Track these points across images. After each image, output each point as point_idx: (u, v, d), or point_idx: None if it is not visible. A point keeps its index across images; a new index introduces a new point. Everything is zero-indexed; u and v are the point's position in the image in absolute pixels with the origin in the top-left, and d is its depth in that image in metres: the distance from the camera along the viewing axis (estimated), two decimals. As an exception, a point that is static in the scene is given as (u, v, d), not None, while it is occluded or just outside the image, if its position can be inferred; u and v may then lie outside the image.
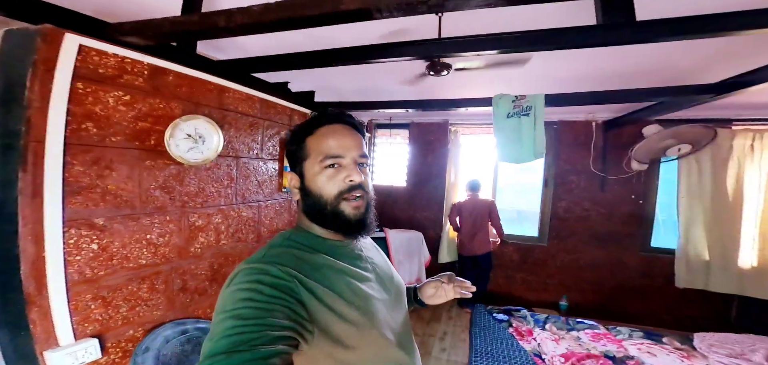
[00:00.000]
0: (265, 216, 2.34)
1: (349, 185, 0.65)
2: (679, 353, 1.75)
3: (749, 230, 2.82)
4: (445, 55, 1.54)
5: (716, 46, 1.65)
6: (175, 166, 1.61)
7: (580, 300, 3.35)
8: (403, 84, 2.63)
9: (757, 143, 2.77)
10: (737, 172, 2.83)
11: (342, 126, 0.68)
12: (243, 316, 0.47)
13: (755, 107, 2.66)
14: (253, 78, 2.06)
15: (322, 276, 0.60)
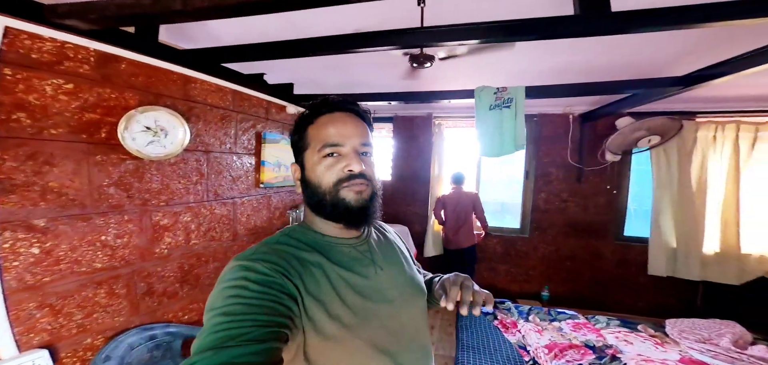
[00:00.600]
0: (242, 213, 2.18)
1: (348, 174, 0.59)
2: (653, 340, 1.73)
3: (712, 218, 2.86)
4: (428, 45, 1.47)
5: (684, 40, 1.64)
6: (132, 161, 1.44)
7: (560, 290, 3.33)
8: (386, 77, 2.50)
9: (719, 134, 2.80)
10: (701, 163, 2.86)
11: (343, 113, 0.63)
12: (231, 312, 0.45)
13: (717, 100, 2.68)
14: (225, 69, 1.89)
15: (310, 276, 0.55)
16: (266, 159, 2.32)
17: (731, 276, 2.76)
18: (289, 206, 2.71)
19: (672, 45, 1.71)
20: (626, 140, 2.81)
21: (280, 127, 2.55)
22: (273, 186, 2.45)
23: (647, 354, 1.59)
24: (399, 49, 1.61)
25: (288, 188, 2.68)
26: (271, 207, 2.49)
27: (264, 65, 2.20)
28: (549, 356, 1.61)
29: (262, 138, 2.29)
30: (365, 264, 0.62)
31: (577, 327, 1.93)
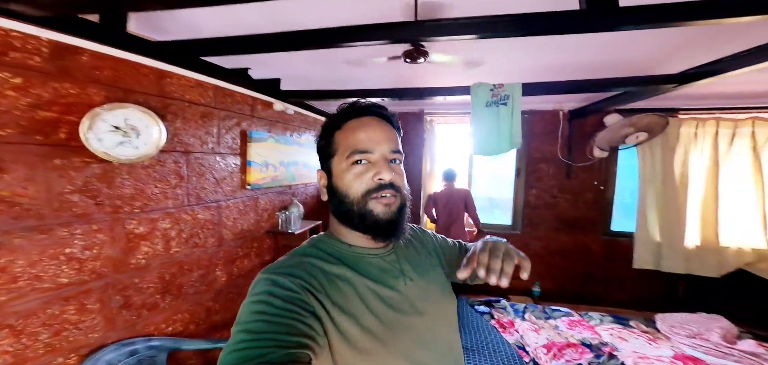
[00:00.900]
0: (227, 217, 2.03)
1: (378, 184, 0.56)
2: (646, 336, 1.72)
3: (693, 212, 2.89)
4: (422, 39, 1.37)
5: (683, 37, 1.60)
6: (99, 164, 1.28)
7: (551, 286, 3.32)
8: (378, 72, 2.38)
9: (700, 130, 2.82)
10: (683, 158, 2.87)
11: (372, 118, 0.59)
12: (253, 330, 0.44)
13: (698, 97, 2.70)
14: (205, 63, 1.73)
15: (338, 290, 0.53)
16: (252, 159, 2.17)
17: (711, 268, 2.80)
18: (278, 207, 2.57)
19: (665, 43, 1.66)
20: (614, 137, 2.80)
21: (266, 124, 2.40)
22: (260, 187, 2.30)
23: (642, 351, 1.57)
24: (391, 43, 1.51)
25: (276, 189, 2.53)
26: (258, 210, 2.34)
27: (249, 59, 2.04)
28: (548, 355, 1.57)
29: (248, 136, 2.13)
30: (394, 276, 0.59)
31: (573, 325, 1.90)
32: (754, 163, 2.75)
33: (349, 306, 0.52)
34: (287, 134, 2.67)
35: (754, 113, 2.72)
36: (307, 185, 3.01)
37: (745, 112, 2.74)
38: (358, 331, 0.51)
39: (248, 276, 2.26)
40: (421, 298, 0.60)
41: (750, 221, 2.77)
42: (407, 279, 0.60)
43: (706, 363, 1.44)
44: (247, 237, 2.24)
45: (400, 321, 0.55)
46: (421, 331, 0.56)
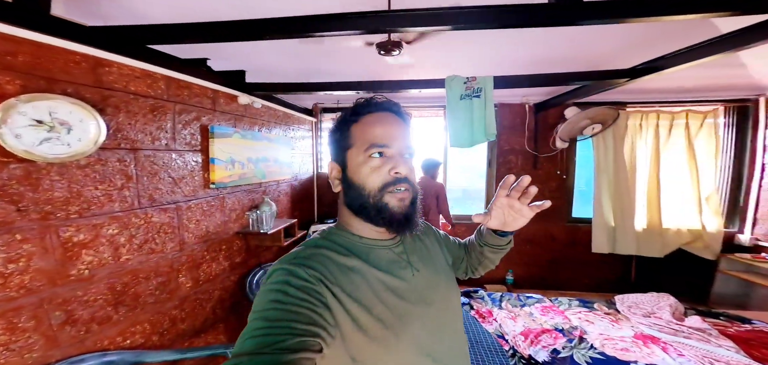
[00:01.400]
0: (189, 218, 1.82)
1: (395, 177, 0.57)
2: (609, 318, 1.77)
3: (641, 198, 3.04)
4: (396, 30, 1.30)
5: (633, 35, 1.65)
6: (18, 164, 1.05)
7: (522, 273, 3.38)
8: (351, 65, 2.24)
9: (644, 122, 2.98)
10: (631, 148, 3.01)
11: (389, 114, 0.60)
12: (270, 318, 0.45)
13: (642, 91, 2.82)
14: (154, 52, 1.50)
15: (350, 281, 0.53)
16: (216, 156, 1.95)
17: (656, 249, 2.97)
18: (248, 207, 2.36)
19: (618, 39, 1.70)
20: (573, 128, 2.88)
21: (231, 119, 2.18)
22: (226, 186, 2.09)
23: (608, 333, 1.61)
24: (364, 33, 1.40)
25: (245, 187, 2.32)
26: (225, 210, 2.13)
27: (207, 49, 1.82)
28: (526, 343, 1.57)
29: (210, 132, 1.91)
30: (402, 267, 0.60)
31: (545, 311, 1.92)
32: (689, 151, 2.93)
33: (361, 296, 0.52)
34: (255, 129, 2.46)
35: (687, 106, 2.92)
36: (279, 182, 2.81)
37: (679, 106, 2.93)
38: (370, 319, 0.51)
39: (217, 280, 2.06)
40: (428, 288, 0.60)
41: (686, 204, 2.96)
42: (415, 270, 0.60)
43: (662, 340, 1.47)
44: (214, 240, 2.03)
45: (409, 311, 0.55)
46: (428, 320, 0.57)
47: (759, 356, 1.34)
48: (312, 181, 3.55)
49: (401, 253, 0.62)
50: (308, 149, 3.47)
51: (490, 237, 0.72)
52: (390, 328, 0.52)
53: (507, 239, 0.73)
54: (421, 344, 0.54)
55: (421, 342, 0.54)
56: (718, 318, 1.76)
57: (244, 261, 2.35)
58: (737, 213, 2.98)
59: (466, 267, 0.81)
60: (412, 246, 0.65)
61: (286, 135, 2.96)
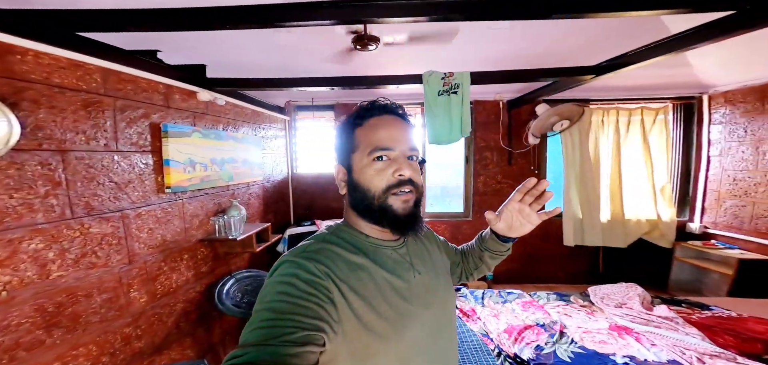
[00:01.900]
0: (139, 227, 1.58)
1: (399, 179, 0.56)
2: (584, 310, 1.77)
3: (605, 190, 3.12)
4: (370, 20, 1.26)
5: (597, 31, 1.66)
6: None
7: (501, 269, 3.34)
8: (325, 61, 2.10)
9: (605, 118, 3.06)
10: (595, 143, 3.08)
11: (393, 117, 0.59)
12: (277, 310, 0.44)
13: (603, 89, 2.89)
14: (86, 40, 1.26)
15: (357, 278, 0.53)
16: (172, 157, 1.72)
17: (620, 239, 3.04)
18: (213, 212, 2.13)
19: (586, 36, 1.71)
20: (544, 124, 2.89)
21: (189, 116, 1.94)
22: (186, 189, 1.86)
23: (585, 326, 1.60)
24: (336, 24, 1.26)
25: (209, 191, 2.08)
26: (185, 216, 1.89)
27: (158, 40, 1.59)
28: (510, 340, 1.53)
29: (162, 131, 1.68)
30: (405, 269, 0.60)
31: (526, 306, 1.89)
32: (644, 146, 3.03)
33: (366, 293, 0.52)
34: (219, 128, 2.22)
35: (642, 104, 3.01)
36: (249, 184, 2.58)
37: (635, 103, 3.02)
38: (374, 317, 0.51)
39: (179, 292, 1.84)
40: (428, 291, 0.60)
41: (644, 196, 3.05)
42: (417, 272, 0.60)
43: (634, 330, 1.44)
44: (173, 249, 1.79)
45: (411, 312, 0.55)
46: (427, 322, 0.57)
47: (722, 342, 1.34)
48: (287, 183, 3.33)
49: (405, 255, 0.61)
50: (281, 149, 3.25)
51: (492, 242, 0.73)
52: (392, 326, 0.52)
53: (507, 246, 0.74)
54: (419, 345, 0.54)
55: (419, 343, 0.55)
56: (681, 305, 1.79)
57: (211, 270, 2.12)
58: (687, 203, 3.12)
59: (461, 272, 0.81)
60: (415, 248, 0.65)
61: (256, 134, 2.73)
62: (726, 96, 2.73)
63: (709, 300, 1.86)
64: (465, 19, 1.19)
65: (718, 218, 2.84)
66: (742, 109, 2.63)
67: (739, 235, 2.63)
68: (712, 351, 1.26)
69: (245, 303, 2.22)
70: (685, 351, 1.27)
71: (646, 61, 1.66)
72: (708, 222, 2.94)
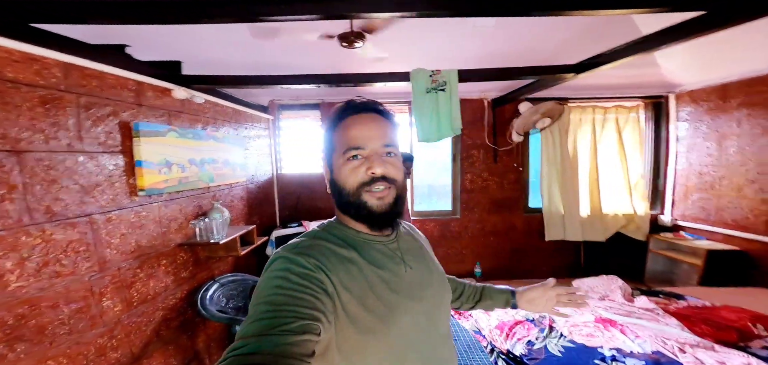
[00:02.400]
0: (110, 233, 1.46)
1: (371, 177, 0.56)
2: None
3: (584, 186, 3.21)
4: (356, 15, 1.20)
5: (575, 30, 1.70)
6: None
7: (489, 265, 3.37)
8: (310, 58, 2.02)
9: (583, 116, 3.15)
10: (574, 140, 3.16)
11: (367, 114, 0.59)
12: (274, 302, 0.45)
13: (581, 88, 2.98)
14: (42, 32, 1.14)
15: (347, 272, 0.53)
16: (145, 158, 1.59)
17: (599, 233, 3.12)
18: (193, 215, 2.01)
19: (564, 35, 1.74)
20: (527, 122, 2.94)
21: (164, 115, 1.81)
22: (162, 192, 1.74)
23: (573, 320, 1.60)
24: (322, 19, 1.21)
25: (188, 193, 1.96)
26: (163, 220, 1.77)
27: (127, 34, 1.46)
28: (502, 337, 1.52)
29: (133, 130, 1.55)
30: (396, 263, 0.59)
31: None
32: (619, 143, 3.13)
33: (356, 288, 0.52)
34: (198, 127, 2.09)
35: (616, 102, 3.11)
36: (232, 186, 2.46)
37: (610, 102, 3.12)
38: (362, 311, 0.51)
39: (158, 299, 1.72)
40: (420, 286, 0.60)
41: (620, 191, 3.15)
42: (408, 266, 0.60)
43: (618, 322, 1.46)
44: (150, 255, 1.67)
45: (401, 305, 0.55)
46: (419, 316, 0.57)
47: (700, 331, 1.37)
48: (271, 183, 3.21)
49: (396, 250, 0.61)
50: (265, 149, 3.12)
51: (501, 301, 0.85)
52: (381, 320, 0.52)
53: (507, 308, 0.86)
54: (410, 338, 0.54)
55: (410, 337, 0.54)
56: (659, 296, 1.83)
57: (192, 276, 2.00)
58: (659, 197, 3.24)
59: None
60: (406, 243, 0.65)
61: (238, 134, 2.60)
62: (690, 95, 2.86)
63: (684, 290, 1.92)
64: (450, 15, 1.17)
65: (686, 211, 2.97)
66: (705, 107, 2.75)
67: (706, 227, 2.76)
68: (691, 341, 1.29)
69: (231, 309, 2.12)
70: (666, 341, 1.30)
71: (620, 60, 1.70)
72: (677, 214, 3.07)
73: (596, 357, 1.29)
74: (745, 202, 2.47)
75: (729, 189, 2.58)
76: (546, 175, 3.15)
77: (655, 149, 3.22)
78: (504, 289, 0.85)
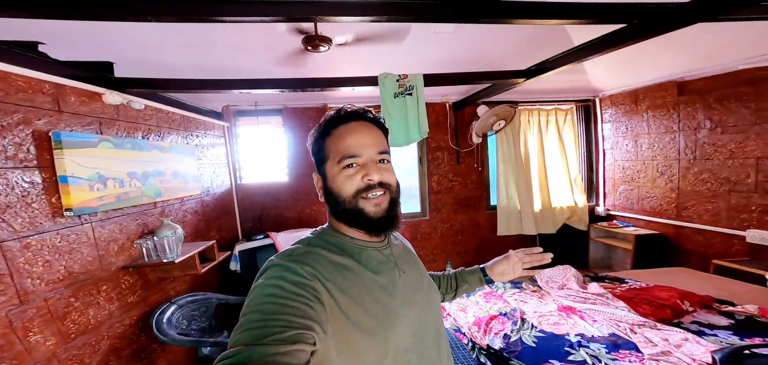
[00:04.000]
0: (30, 260, 1.19)
1: (367, 184, 0.56)
2: (535, 295, 1.90)
3: (535, 182, 3.42)
4: (320, 19, 1.17)
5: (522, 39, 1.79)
6: None
7: (459, 262, 3.41)
8: (271, 62, 1.87)
9: (530, 118, 3.37)
10: (524, 140, 3.37)
11: (359, 123, 0.59)
12: (266, 311, 0.44)
13: (529, 92, 3.18)
14: None
15: (344, 278, 0.53)
16: (72, 172, 1.31)
17: (550, 226, 3.35)
18: (137, 234, 1.72)
19: (512, 43, 1.84)
20: (485, 124, 3.04)
21: (93, 123, 1.52)
22: (96, 210, 1.45)
23: (540, 310, 1.64)
24: (284, 21, 1.11)
25: (129, 210, 1.67)
26: (99, 242, 1.48)
27: (40, 31, 1.19)
28: (480, 333, 1.51)
29: (54, 140, 1.26)
30: (390, 268, 0.60)
31: (488, 297, 1.90)
32: (560, 142, 3.41)
33: (354, 292, 0.52)
34: (138, 136, 1.80)
35: (555, 105, 3.37)
36: (184, 199, 2.17)
37: (550, 105, 3.37)
38: (362, 314, 0.51)
39: (102, 328, 1.48)
40: (413, 290, 0.60)
41: (564, 186, 3.42)
42: (401, 271, 0.61)
43: (577, 309, 1.55)
44: (85, 281, 1.41)
45: (398, 309, 0.55)
46: (413, 319, 0.57)
47: (642, 311, 1.51)
48: (231, 195, 2.92)
49: (389, 256, 0.61)
50: (222, 158, 2.83)
51: (476, 280, 0.85)
52: (380, 324, 0.52)
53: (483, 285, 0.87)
54: (407, 342, 0.55)
55: (407, 340, 0.55)
56: (604, 281, 1.99)
57: (142, 299, 1.74)
58: (594, 190, 3.59)
59: None
60: (398, 250, 0.65)
61: (189, 142, 2.31)
62: (611, 98, 3.22)
63: (623, 274, 2.13)
64: (414, 20, 1.20)
65: (616, 201, 3.33)
66: (622, 109, 3.11)
67: (631, 214, 3.12)
68: (638, 321, 1.42)
69: (194, 330, 1.92)
70: (619, 324, 1.40)
71: (562, 66, 1.85)
72: (609, 205, 3.43)
73: (565, 343, 1.34)
74: (658, 191, 2.83)
75: (645, 181, 2.95)
76: (502, 173, 3.31)
77: (588, 147, 3.56)
78: (474, 269, 0.87)
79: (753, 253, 2.16)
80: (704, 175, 2.44)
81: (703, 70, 2.34)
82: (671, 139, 2.67)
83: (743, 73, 2.12)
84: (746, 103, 2.14)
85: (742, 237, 2.20)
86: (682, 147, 2.58)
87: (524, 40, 1.82)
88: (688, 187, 2.58)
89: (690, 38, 1.94)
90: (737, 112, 2.20)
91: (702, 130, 2.43)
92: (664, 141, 2.73)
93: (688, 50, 2.19)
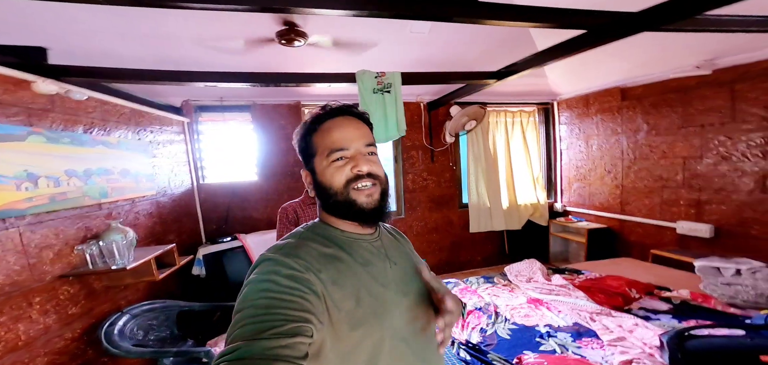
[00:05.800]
0: None
1: (356, 174, 0.56)
2: (506, 289, 1.99)
3: (503, 180, 3.58)
4: (296, 10, 1.11)
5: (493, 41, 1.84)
6: None
7: (433, 260, 3.45)
8: (237, 55, 1.72)
9: (499, 119, 3.52)
10: (493, 140, 3.51)
11: (345, 118, 0.60)
12: (262, 306, 0.43)
13: (497, 94, 3.30)
14: None
15: (336, 270, 0.52)
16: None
17: (516, 222, 3.52)
18: (78, 239, 1.51)
19: (484, 46, 1.89)
20: (457, 124, 3.10)
21: (21, 114, 1.29)
22: (24, 213, 1.24)
23: (511, 303, 1.69)
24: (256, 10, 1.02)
25: (66, 212, 1.45)
26: (28, 249, 1.27)
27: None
28: (458, 328, 1.54)
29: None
30: (381, 259, 0.60)
31: (464, 293, 1.93)
32: (524, 142, 3.59)
33: (348, 284, 0.52)
34: (77, 130, 1.56)
35: (519, 107, 3.54)
36: (135, 200, 1.93)
37: (515, 106, 3.53)
38: (355, 305, 0.51)
39: (36, 345, 1.30)
40: (404, 281, 0.60)
41: (527, 183, 3.61)
42: (392, 263, 0.61)
43: (544, 301, 1.63)
44: (11, 294, 1.22)
45: (390, 299, 0.55)
46: (405, 309, 0.57)
47: (598, 300, 1.64)
48: (192, 195, 2.67)
49: (380, 248, 0.61)
50: (181, 156, 2.57)
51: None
52: (374, 314, 0.52)
53: None
54: (400, 331, 0.55)
55: (400, 330, 0.55)
56: (564, 273, 2.13)
57: (86, 311, 1.55)
58: (552, 187, 3.84)
59: None
60: (389, 242, 0.65)
61: (140, 139, 2.06)
62: (566, 102, 3.47)
63: (580, 266, 2.30)
64: (391, 16, 1.17)
65: (571, 198, 3.60)
66: (576, 112, 3.37)
67: (584, 210, 3.39)
68: (596, 310, 1.53)
69: (153, 341, 1.76)
70: (580, 313, 1.51)
71: (529, 69, 1.93)
72: (566, 201, 3.69)
73: (536, 334, 1.41)
74: (606, 188, 3.11)
75: (595, 178, 3.23)
76: (473, 171, 3.40)
77: (547, 147, 3.80)
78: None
79: (682, 243, 2.45)
80: (642, 173, 2.72)
81: (642, 77, 2.61)
82: (616, 140, 2.94)
83: (672, 81, 2.39)
84: (675, 108, 2.42)
85: (673, 229, 2.48)
86: (625, 147, 2.86)
87: (495, 43, 1.87)
88: (629, 184, 2.86)
89: (631, 47, 2.14)
90: (668, 116, 2.48)
91: (640, 132, 2.70)
92: (610, 142, 3.00)
93: (632, 58, 2.42)
